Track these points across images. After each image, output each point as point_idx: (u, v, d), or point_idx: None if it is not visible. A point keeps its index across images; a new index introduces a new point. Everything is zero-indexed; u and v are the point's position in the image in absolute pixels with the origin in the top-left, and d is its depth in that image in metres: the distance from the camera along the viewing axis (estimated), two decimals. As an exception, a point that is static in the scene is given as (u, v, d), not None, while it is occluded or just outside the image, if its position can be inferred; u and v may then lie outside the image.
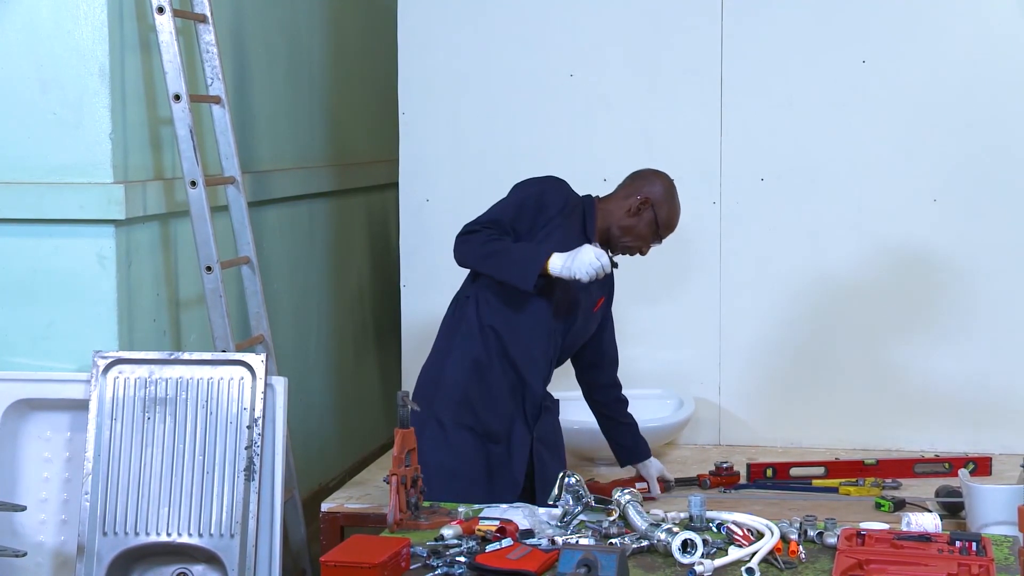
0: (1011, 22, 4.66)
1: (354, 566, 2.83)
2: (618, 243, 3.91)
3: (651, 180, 3.92)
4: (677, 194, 3.93)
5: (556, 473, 3.83)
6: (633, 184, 3.93)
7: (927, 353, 4.77)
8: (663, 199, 3.88)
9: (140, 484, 3.63)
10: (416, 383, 3.90)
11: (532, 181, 3.88)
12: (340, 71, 5.63)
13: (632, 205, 3.87)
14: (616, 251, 3.93)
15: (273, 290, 4.79)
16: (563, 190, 3.89)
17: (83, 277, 3.80)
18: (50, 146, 3.80)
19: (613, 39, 4.89)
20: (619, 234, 3.89)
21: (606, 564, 2.74)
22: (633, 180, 3.95)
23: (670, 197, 3.91)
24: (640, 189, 3.89)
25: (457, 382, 3.81)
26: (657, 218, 3.87)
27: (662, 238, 3.93)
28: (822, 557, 3.01)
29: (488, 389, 3.81)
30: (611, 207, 3.90)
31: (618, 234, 3.89)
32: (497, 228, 3.74)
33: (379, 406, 5.97)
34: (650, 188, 3.89)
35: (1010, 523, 3.50)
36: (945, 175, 4.73)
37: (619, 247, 3.92)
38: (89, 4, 3.76)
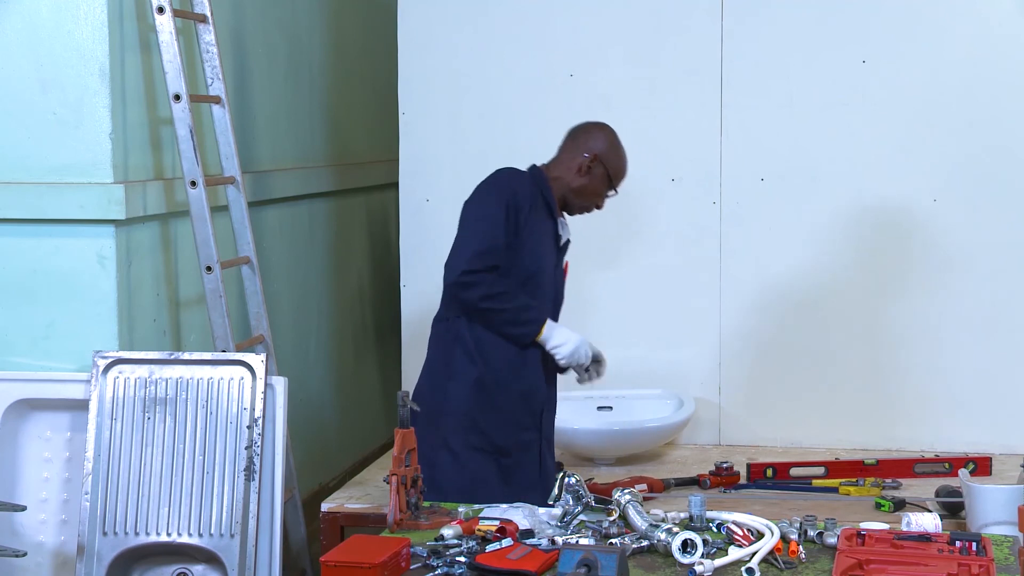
0: (1011, 22, 4.67)
1: (354, 566, 2.83)
2: (575, 205, 3.91)
3: (593, 135, 3.90)
4: (619, 140, 3.92)
5: (552, 468, 3.85)
6: (575, 143, 3.90)
7: (927, 353, 4.77)
8: (609, 150, 3.88)
9: (140, 484, 3.63)
10: (418, 401, 3.84)
11: (500, 186, 3.80)
12: (340, 71, 5.63)
13: (581, 165, 3.85)
14: (573, 212, 3.94)
15: (273, 290, 4.79)
16: (523, 180, 3.84)
17: (83, 277, 3.79)
18: (50, 146, 3.80)
19: (613, 39, 4.89)
20: (574, 197, 3.89)
21: (606, 564, 2.74)
22: (574, 139, 3.92)
23: (615, 146, 3.90)
24: (585, 147, 3.87)
25: (463, 406, 3.78)
26: (608, 171, 3.87)
27: (616, 188, 3.92)
28: (822, 557, 3.01)
29: (496, 408, 3.79)
30: (560, 173, 3.88)
31: (573, 197, 3.89)
32: (493, 264, 3.68)
33: (379, 406, 5.97)
34: (594, 143, 3.88)
35: (1010, 523, 3.50)
36: (945, 175, 4.73)
37: (576, 208, 3.93)
38: (89, 4, 3.75)
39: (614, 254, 4.95)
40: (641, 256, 4.91)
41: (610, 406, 4.81)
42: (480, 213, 3.77)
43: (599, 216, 4.93)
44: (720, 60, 4.81)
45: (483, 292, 3.70)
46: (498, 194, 3.77)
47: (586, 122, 3.98)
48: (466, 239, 3.75)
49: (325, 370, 5.41)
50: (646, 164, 4.89)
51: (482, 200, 3.79)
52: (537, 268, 3.80)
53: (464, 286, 3.70)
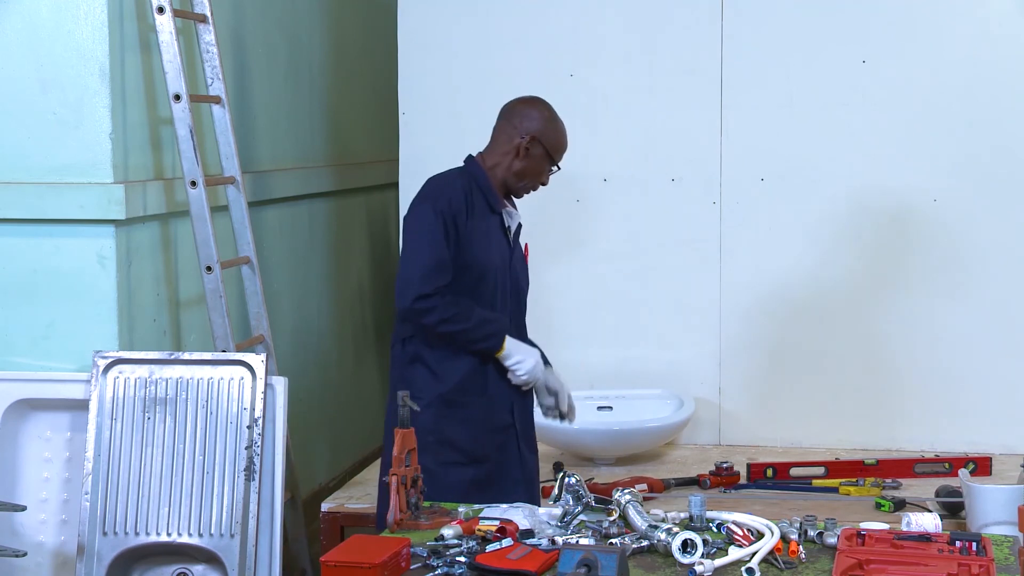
0: (1011, 22, 4.67)
1: (354, 566, 2.83)
2: (518, 188, 3.81)
3: (526, 114, 3.78)
4: (555, 113, 3.81)
5: (535, 466, 3.83)
6: (510, 125, 3.79)
7: (927, 353, 4.77)
8: (546, 127, 3.77)
9: (140, 484, 3.63)
10: (386, 425, 3.78)
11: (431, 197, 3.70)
12: (340, 71, 5.63)
13: (519, 148, 3.75)
14: (519, 195, 3.85)
15: (273, 290, 4.79)
16: (453, 183, 3.74)
17: (83, 277, 3.79)
18: (50, 146, 3.80)
19: (613, 39, 4.89)
20: (516, 180, 3.79)
21: (606, 564, 2.74)
22: (508, 121, 3.80)
23: (551, 120, 3.79)
24: (519, 128, 3.77)
25: (431, 425, 3.66)
26: (547, 148, 3.77)
27: (558, 164, 3.83)
28: (822, 557, 3.01)
29: (464, 421, 3.73)
30: (497, 159, 3.78)
31: (515, 181, 3.79)
32: (443, 283, 3.63)
33: (379, 406, 5.96)
34: (529, 123, 3.76)
35: (1010, 523, 3.50)
36: (945, 175, 4.74)
37: (520, 190, 3.83)
38: (89, 4, 3.75)
39: (614, 254, 4.94)
40: (641, 256, 4.91)
41: (610, 406, 4.81)
42: (419, 228, 3.67)
43: (599, 217, 4.95)
44: (720, 60, 4.81)
45: (439, 316, 3.62)
46: (432, 205, 3.68)
47: (517, 100, 3.84)
48: (411, 259, 3.66)
49: (325, 370, 5.41)
50: (646, 164, 4.90)
51: (418, 215, 3.70)
52: (488, 267, 3.72)
53: (420, 312, 3.63)
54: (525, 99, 3.84)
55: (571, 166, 4.91)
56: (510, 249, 3.83)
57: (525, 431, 3.86)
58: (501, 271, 3.78)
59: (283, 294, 4.98)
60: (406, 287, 3.63)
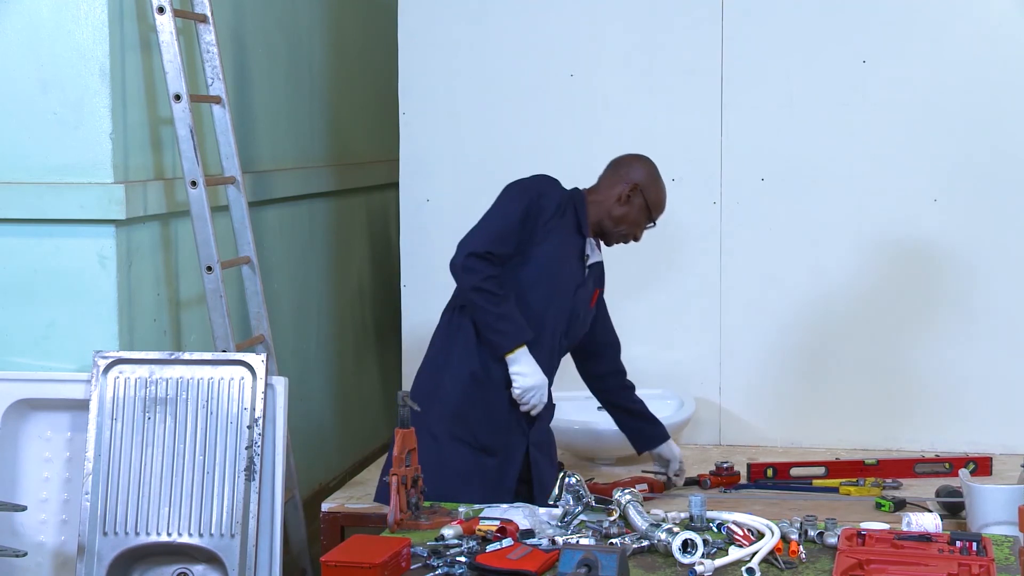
0: (1011, 22, 4.67)
1: (354, 566, 2.83)
2: (613, 233, 3.94)
3: (634, 166, 3.94)
4: (660, 174, 3.97)
5: (551, 474, 3.83)
6: (617, 172, 3.94)
7: (927, 353, 4.77)
8: (650, 182, 3.92)
9: (140, 484, 3.63)
10: (414, 387, 3.87)
11: (527, 185, 3.86)
12: (340, 71, 5.63)
13: (621, 194, 3.89)
14: (611, 241, 3.97)
15: (273, 290, 4.79)
16: (556, 189, 3.89)
17: (83, 277, 3.79)
18: (50, 146, 3.80)
19: (613, 39, 4.89)
20: (612, 224, 3.91)
21: (606, 564, 2.75)
22: (616, 169, 3.96)
23: (655, 179, 3.94)
24: (626, 177, 3.91)
25: (453, 397, 3.79)
26: (647, 202, 3.91)
27: (655, 220, 3.96)
28: (822, 557, 3.01)
29: (486, 406, 3.79)
30: (600, 198, 3.92)
31: (611, 225, 3.92)
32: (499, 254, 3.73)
33: (379, 406, 5.97)
34: (635, 174, 3.91)
35: (1010, 523, 3.50)
36: (945, 175, 4.73)
37: (614, 237, 3.95)
38: (89, 4, 3.75)
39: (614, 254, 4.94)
40: (641, 256, 4.91)
41: (610, 406, 4.80)
42: (500, 202, 3.83)
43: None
44: (720, 60, 4.81)
45: (476, 282, 3.71)
46: (522, 192, 3.82)
47: (628, 153, 4.03)
48: (480, 224, 3.80)
49: (325, 370, 5.41)
50: (646, 164, 4.90)
51: (507, 192, 3.85)
52: (551, 272, 3.80)
53: (465, 269, 3.72)
54: (635, 154, 4.02)
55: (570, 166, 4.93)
56: (582, 277, 3.91)
57: (540, 441, 3.89)
58: (563, 290, 3.85)
59: (283, 294, 4.98)
60: (464, 244, 3.75)
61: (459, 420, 3.78)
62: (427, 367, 3.90)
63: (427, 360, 3.92)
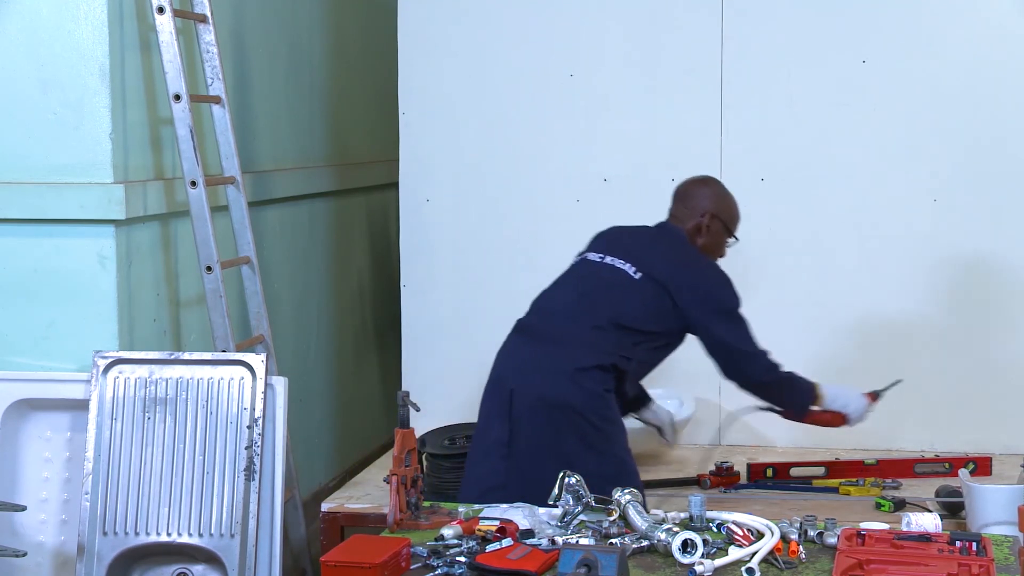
0: (1011, 22, 4.67)
1: (354, 566, 2.83)
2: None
3: (701, 193, 3.98)
4: (724, 187, 4.04)
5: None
6: (687, 207, 3.97)
7: (927, 353, 4.77)
8: (720, 203, 3.97)
9: (140, 484, 3.63)
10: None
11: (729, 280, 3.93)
12: (340, 71, 5.64)
13: (700, 226, 3.94)
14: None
15: (273, 290, 4.79)
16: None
17: (83, 277, 3.79)
18: (50, 146, 3.80)
19: (613, 39, 4.89)
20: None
21: (606, 564, 2.74)
22: (684, 203, 3.99)
23: (724, 197, 4.00)
24: (698, 208, 3.95)
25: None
26: (725, 224, 3.97)
27: (735, 234, 4.01)
28: (822, 557, 3.01)
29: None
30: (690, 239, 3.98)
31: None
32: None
33: (379, 406, 5.97)
34: (705, 202, 3.96)
35: (1010, 523, 3.50)
36: (945, 175, 4.74)
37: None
38: (89, 4, 3.75)
39: (614, 254, 4.94)
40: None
41: (610, 406, 4.80)
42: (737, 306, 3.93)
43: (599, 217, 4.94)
44: (720, 60, 4.81)
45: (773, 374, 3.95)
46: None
47: (688, 181, 4.05)
48: (746, 334, 3.92)
49: (325, 370, 5.41)
50: (646, 164, 4.90)
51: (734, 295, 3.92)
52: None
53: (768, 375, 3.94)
54: (697, 179, 4.06)
55: (570, 166, 4.95)
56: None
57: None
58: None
59: (283, 294, 4.98)
60: (752, 358, 3.91)
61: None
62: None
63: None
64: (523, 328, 3.92)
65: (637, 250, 3.90)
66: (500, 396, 3.77)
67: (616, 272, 3.86)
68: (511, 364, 3.83)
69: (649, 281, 3.82)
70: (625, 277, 3.84)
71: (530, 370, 3.76)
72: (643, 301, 3.81)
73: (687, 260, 3.91)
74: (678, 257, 3.90)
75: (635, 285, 3.82)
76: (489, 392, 3.84)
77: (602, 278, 3.87)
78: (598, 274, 3.89)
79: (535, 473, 3.60)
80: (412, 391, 3.64)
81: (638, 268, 3.85)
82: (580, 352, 3.74)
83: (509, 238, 4.99)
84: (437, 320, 5.06)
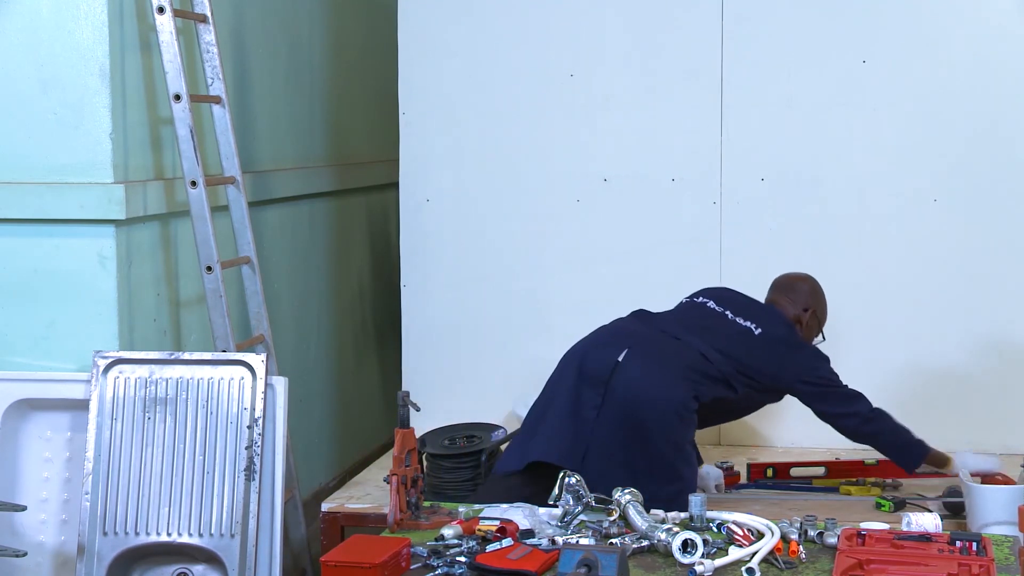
0: (1011, 22, 4.67)
1: (354, 566, 2.83)
2: None
3: (804, 290, 4.21)
4: (821, 288, 4.26)
5: None
6: (790, 300, 4.19)
7: (927, 353, 4.77)
8: (820, 301, 4.23)
9: (140, 484, 3.63)
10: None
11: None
12: (340, 71, 5.64)
13: (802, 319, 4.18)
14: None
15: (273, 290, 4.79)
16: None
17: (83, 277, 3.79)
18: (50, 146, 3.80)
19: (613, 39, 4.89)
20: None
21: (606, 564, 2.75)
22: (787, 295, 4.21)
23: (821, 294, 4.25)
24: (802, 302, 4.19)
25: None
26: (820, 320, 4.24)
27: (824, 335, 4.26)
28: (822, 557, 3.01)
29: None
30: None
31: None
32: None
33: (379, 406, 5.97)
34: (808, 298, 4.21)
35: (1010, 523, 3.50)
36: (945, 175, 4.73)
37: None
38: (89, 4, 3.75)
39: (614, 254, 4.94)
40: (641, 256, 4.91)
41: (610, 406, 4.80)
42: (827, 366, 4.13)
43: (599, 217, 4.95)
44: (720, 60, 4.81)
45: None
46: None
47: (791, 275, 4.30)
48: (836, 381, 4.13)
49: (325, 370, 5.41)
50: (646, 164, 4.90)
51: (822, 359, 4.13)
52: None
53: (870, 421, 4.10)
54: (799, 275, 4.30)
55: (570, 166, 4.94)
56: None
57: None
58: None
59: (283, 294, 4.98)
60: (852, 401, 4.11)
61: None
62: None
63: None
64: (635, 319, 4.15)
65: (757, 314, 4.12)
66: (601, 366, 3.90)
67: (737, 325, 4.09)
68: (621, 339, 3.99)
69: (767, 339, 4.04)
70: (745, 329, 4.07)
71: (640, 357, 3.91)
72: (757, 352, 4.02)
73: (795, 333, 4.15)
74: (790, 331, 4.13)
75: (755, 338, 4.05)
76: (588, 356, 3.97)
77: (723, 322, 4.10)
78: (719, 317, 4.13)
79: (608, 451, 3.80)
80: (412, 391, 3.65)
81: (759, 326, 4.06)
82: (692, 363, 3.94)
83: (509, 238, 4.99)
84: (437, 320, 5.05)
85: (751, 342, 4.03)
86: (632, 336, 4.00)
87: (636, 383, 3.83)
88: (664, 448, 3.78)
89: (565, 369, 3.97)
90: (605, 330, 4.10)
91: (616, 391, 3.83)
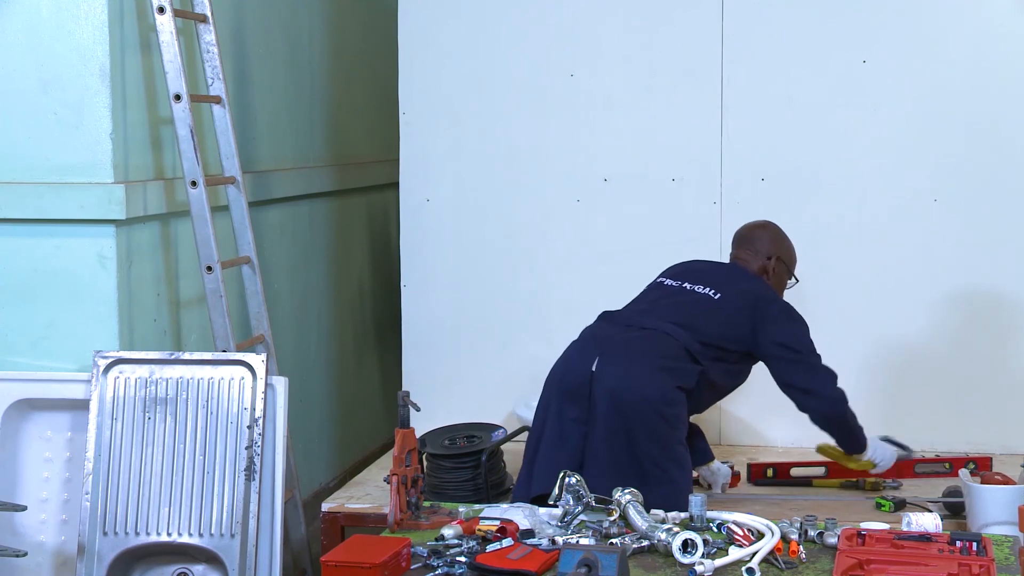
0: (1011, 22, 4.67)
1: (354, 566, 2.83)
2: None
3: (764, 237, 4.15)
4: (783, 231, 4.19)
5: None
6: (751, 251, 4.13)
7: (927, 353, 4.77)
8: (782, 245, 4.16)
9: (140, 484, 3.63)
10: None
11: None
12: (340, 71, 5.64)
13: (767, 268, 4.11)
14: None
15: (273, 290, 4.79)
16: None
17: (84, 277, 3.79)
18: (51, 146, 3.80)
19: (613, 39, 4.89)
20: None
21: (606, 564, 2.75)
22: (748, 247, 4.15)
23: (783, 237, 4.18)
24: (764, 250, 4.13)
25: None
26: (787, 264, 4.16)
27: (795, 276, 4.20)
28: (822, 557, 3.01)
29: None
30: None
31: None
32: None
33: (379, 406, 5.97)
34: (769, 245, 4.13)
35: (1010, 523, 3.50)
36: (945, 175, 4.73)
37: None
38: (89, 4, 3.76)
39: (614, 254, 4.94)
40: (641, 256, 4.91)
41: (610, 406, 4.80)
42: (804, 327, 4.02)
43: (599, 217, 4.95)
44: (720, 60, 4.81)
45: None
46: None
47: (748, 226, 4.23)
48: (811, 350, 4.00)
49: (325, 370, 5.41)
50: (646, 164, 4.90)
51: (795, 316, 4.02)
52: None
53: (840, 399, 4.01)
54: (757, 224, 4.23)
55: (570, 166, 4.94)
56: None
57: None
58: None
59: (283, 294, 4.98)
60: (824, 377, 4.00)
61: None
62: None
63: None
64: (599, 323, 4.07)
65: (716, 277, 4.05)
66: (577, 378, 3.86)
67: (694, 294, 4.01)
68: (589, 348, 3.92)
69: (729, 302, 3.96)
70: (703, 297, 3.99)
71: (612, 361, 3.85)
72: (721, 318, 3.94)
73: (764, 285, 4.08)
74: (755, 284, 4.06)
75: (714, 303, 3.97)
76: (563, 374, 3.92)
77: (681, 295, 4.03)
78: (677, 291, 4.06)
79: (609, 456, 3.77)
80: (412, 391, 3.65)
81: (717, 291, 3.99)
82: (663, 349, 3.87)
83: (509, 238, 4.99)
84: (437, 320, 5.05)
85: (711, 308, 3.94)
86: (601, 342, 3.91)
87: (613, 388, 3.77)
88: (650, 448, 3.74)
89: (547, 391, 3.93)
90: (575, 344, 4.00)
91: (597, 402, 3.78)
